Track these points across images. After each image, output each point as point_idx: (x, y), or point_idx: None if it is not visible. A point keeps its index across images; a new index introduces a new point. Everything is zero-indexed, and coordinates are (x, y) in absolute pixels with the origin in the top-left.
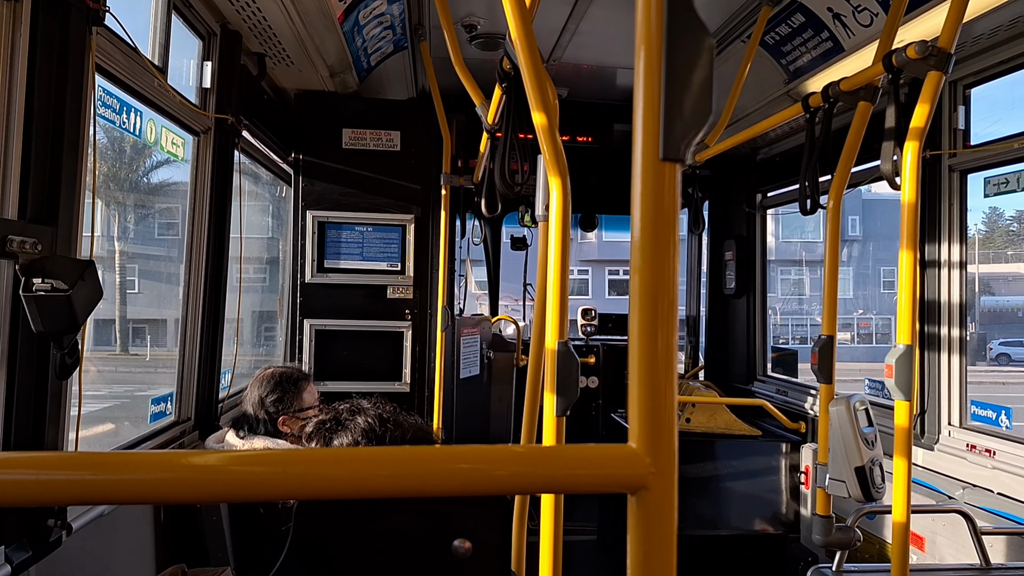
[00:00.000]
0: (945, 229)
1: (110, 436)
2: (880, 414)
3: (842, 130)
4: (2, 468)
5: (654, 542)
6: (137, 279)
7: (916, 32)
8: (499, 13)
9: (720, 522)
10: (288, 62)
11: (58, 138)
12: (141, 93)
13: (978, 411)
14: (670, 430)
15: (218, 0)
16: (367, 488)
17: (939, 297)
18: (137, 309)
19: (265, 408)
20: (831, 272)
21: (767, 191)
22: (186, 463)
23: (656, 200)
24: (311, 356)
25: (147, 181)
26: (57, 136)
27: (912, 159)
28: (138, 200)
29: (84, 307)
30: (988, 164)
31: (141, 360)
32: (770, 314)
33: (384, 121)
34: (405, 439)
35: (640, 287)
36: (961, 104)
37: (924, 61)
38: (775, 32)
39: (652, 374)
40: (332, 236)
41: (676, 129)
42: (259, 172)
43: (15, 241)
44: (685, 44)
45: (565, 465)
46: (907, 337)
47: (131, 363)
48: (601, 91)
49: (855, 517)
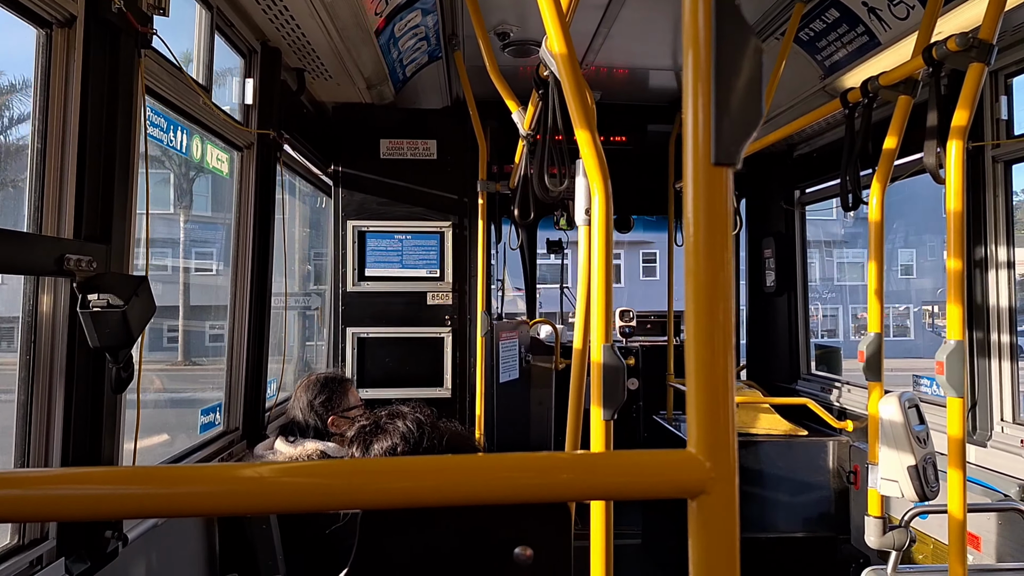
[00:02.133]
0: (991, 221)
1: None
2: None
3: (881, 123)
4: (63, 483)
5: (716, 547)
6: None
7: (955, 23)
8: (531, 20)
9: (768, 525)
10: (326, 76)
11: (110, 158)
12: (187, 112)
13: None
14: (729, 434)
15: (258, 19)
16: (419, 497)
17: (987, 290)
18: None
19: (314, 410)
20: (876, 269)
21: (805, 187)
22: (237, 475)
23: (709, 205)
24: (354, 364)
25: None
26: (109, 156)
27: (957, 156)
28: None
29: (138, 322)
30: None
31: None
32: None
33: (420, 130)
34: (442, 443)
35: (695, 292)
36: (1003, 94)
37: (966, 53)
38: (809, 28)
39: (710, 379)
40: (372, 245)
41: (727, 133)
42: (296, 183)
43: (72, 260)
44: (733, 48)
45: (622, 471)
46: (957, 332)
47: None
48: (634, 93)
49: (909, 517)
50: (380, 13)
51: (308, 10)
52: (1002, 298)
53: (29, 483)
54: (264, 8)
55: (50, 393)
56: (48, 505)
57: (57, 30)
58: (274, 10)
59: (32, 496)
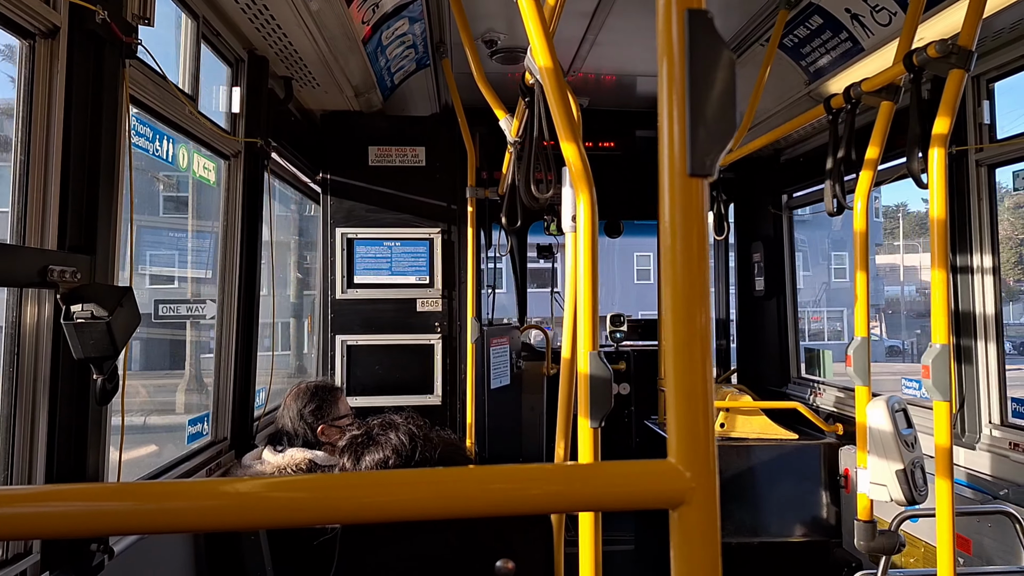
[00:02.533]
0: (976, 224)
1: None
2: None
3: (865, 128)
4: (48, 501)
5: (697, 557)
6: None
7: (936, 29)
8: (518, 27)
9: (759, 529)
10: (314, 84)
11: (95, 168)
12: (173, 121)
13: (1020, 408)
14: (709, 444)
15: (245, 28)
16: (405, 511)
17: (972, 292)
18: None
19: (304, 419)
20: (861, 273)
21: (792, 192)
22: (226, 491)
23: (685, 215)
24: (343, 371)
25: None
26: (94, 166)
27: (939, 161)
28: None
29: (123, 333)
30: (1016, 157)
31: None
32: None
33: (409, 137)
34: (435, 455)
35: (673, 302)
36: (985, 99)
37: (945, 59)
38: (794, 34)
39: (689, 389)
40: (361, 252)
41: (702, 145)
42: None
43: (56, 271)
44: (706, 61)
45: (603, 483)
46: (943, 337)
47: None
48: (622, 99)
49: (898, 521)
50: (367, 21)
51: (295, 19)
52: (988, 301)
53: (13, 500)
54: (251, 17)
55: (34, 405)
56: (33, 523)
57: (40, 41)
58: (260, 19)
59: (17, 514)
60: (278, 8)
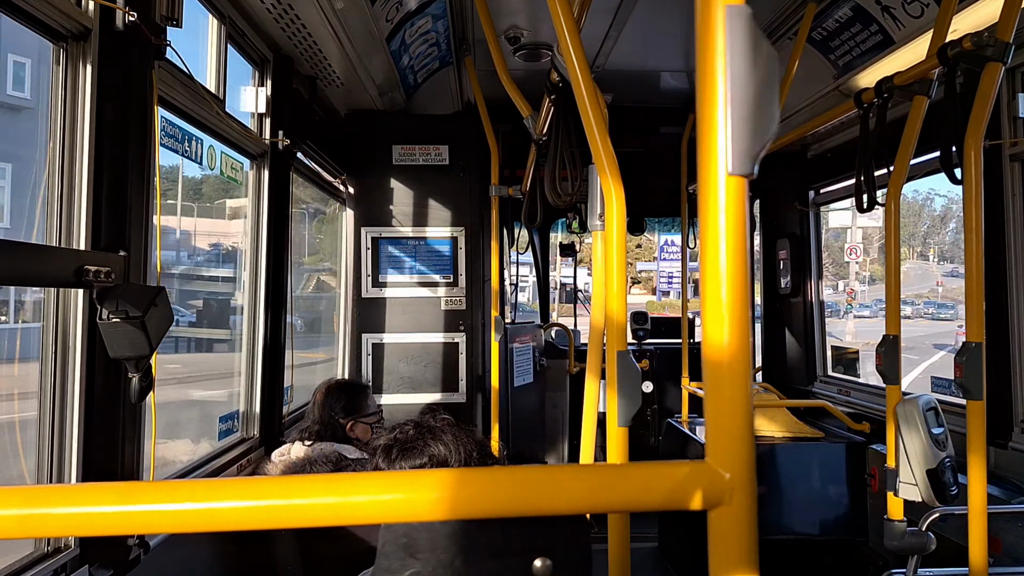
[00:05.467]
0: (1010, 219)
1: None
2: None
3: (895, 122)
4: (86, 500)
5: (735, 557)
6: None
7: (970, 21)
8: (542, 23)
9: (785, 528)
10: (338, 83)
11: (125, 169)
12: (201, 121)
13: None
14: (747, 445)
15: (271, 29)
16: (440, 510)
17: (1006, 288)
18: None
19: (333, 415)
20: (893, 270)
21: (820, 188)
22: (260, 490)
23: (725, 214)
24: (369, 370)
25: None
26: (124, 167)
27: (974, 156)
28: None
29: (157, 331)
30: None
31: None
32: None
33: (432, 136)
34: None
35: (712, 304)
36: (1021, 91)
37: (981, 52)
38: (822, 28)
39: (727, 389)
40: (386, 251)
41: (743, 142)
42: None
43: (91, 271)
44: (746, 56)
45: (641, 484)
46: (977, 334)
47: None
48: (646, 95)
49: (928, 521)
50: (391, 20)
51: (320, 19)
52: (1022, 298)
53: (53, 500)
54: (276, 17)
55: (66, 404)
56: (72, 522)
57: (72, 43)
58: (286, 19)
59: (56, 514)
60: (303, 8)
